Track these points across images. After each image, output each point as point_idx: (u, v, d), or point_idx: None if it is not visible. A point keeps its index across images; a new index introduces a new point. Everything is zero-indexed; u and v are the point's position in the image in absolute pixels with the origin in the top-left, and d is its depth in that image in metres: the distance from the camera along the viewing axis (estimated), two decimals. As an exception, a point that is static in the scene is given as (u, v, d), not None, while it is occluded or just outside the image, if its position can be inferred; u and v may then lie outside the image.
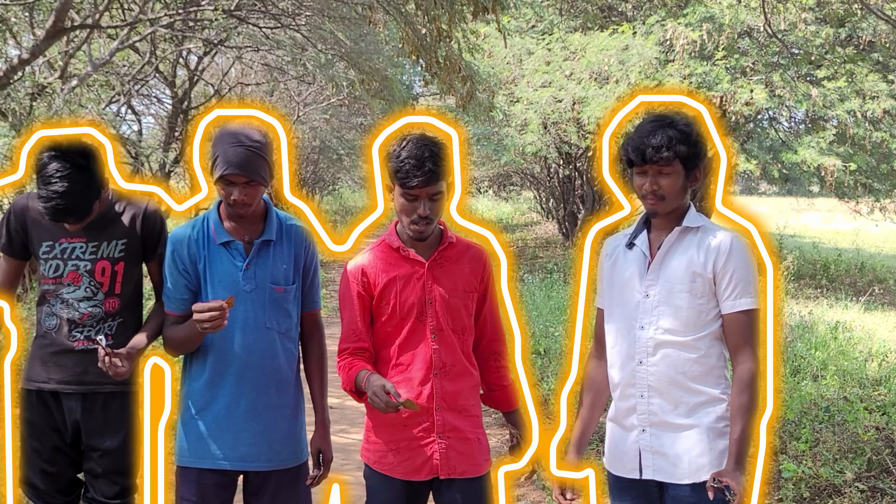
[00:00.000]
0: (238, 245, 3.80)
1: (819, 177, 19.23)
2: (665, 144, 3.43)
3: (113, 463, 4.04)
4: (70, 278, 3.94)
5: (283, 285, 3.82)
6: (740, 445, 3.39)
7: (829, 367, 9.75)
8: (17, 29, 10.49)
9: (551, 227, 32.25)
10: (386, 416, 3.66)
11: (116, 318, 4.04)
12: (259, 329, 3.79)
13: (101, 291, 3.98)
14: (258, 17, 11.67)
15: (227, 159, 3.60)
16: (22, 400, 4.07)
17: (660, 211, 3.54)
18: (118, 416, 4.03)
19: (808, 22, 17.70)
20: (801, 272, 19.95)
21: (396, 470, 3.73)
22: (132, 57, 14.30)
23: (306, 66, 15.73)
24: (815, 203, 32.68)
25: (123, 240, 4.00)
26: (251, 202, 3.71)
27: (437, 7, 9.59)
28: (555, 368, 9.79)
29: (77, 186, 3.72)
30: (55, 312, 3.98)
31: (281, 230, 3.88)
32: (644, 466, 3.58)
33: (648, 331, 3.54)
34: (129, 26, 9.94)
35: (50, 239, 3.94)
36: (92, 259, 3.95)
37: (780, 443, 7.21)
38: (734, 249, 3.46)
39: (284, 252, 3.85)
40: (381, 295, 3.71)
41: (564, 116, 18.87)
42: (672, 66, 17.78)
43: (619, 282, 3.68)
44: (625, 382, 3.63)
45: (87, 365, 3.94)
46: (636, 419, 3.56)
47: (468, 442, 3.79)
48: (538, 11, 21.43)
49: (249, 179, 3.65)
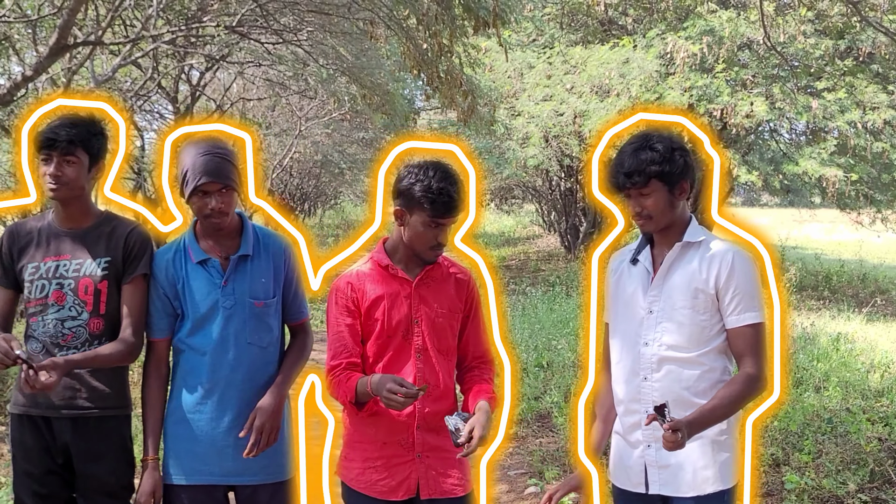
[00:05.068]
0: (215, 262, 3.82)
1: (820, 188, 19.26)
2: (635, 169, 3.46)
3: (105, 486, 3.98)
4: (54, 297, 3.88)
5: (262, 299, 3.84)
6: (703, 411, 3.39)
7: (831, 379, 9.74)
8: (21, 46, 10.55)
9: (553, 240, 32.24)
10: (364, 432, 3.70)
11: (102, 340, 3.94)
12: (240, 345, 3.81)
13: (85, 311, 3.90)
14: (260, 33, 11.70)
15: (199, 170, 3.63)
16: (11, 423, 4.02)
17: (651, 230, 3.58)
18: (110, 440, 3.98)
19: (807, 34, 17.75)
20: (804, 283, 19.92)
21: (374, 489, 3.71)
22: (134, 73, 14.36)
23: (308, 81, 15.79)
24: (817, 214, 32.62)
25: (107, 258, 3.93)
26: (227, 210, 3.73)
27: (438, 22, 9.62)
28: (557, 381, 9.80)
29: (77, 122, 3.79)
30: (38, 336, 3.91)
31: (258, 244, 3.89)
32: (650, 482, 3.60)
33: (652, 347, 3.56)
34: (131, 43, 9.97)
35: (36, 260, 3.90)
36: (75, 277, 3.89)
37: (783, 454, 7.22)
38: (736, 264, 3.48)
39: (263, 265, 3.86)
40: (369, 312, 3.69)
41: (566, 130, 18.92)
42: (672, 79, 17.83)
43: (623, 297, 3.70)
44: (629, 398, 3.64)
45: (75, 389, 3.90)
46: (641, 435, 3.57)
47: (449, 462, 3.75)
48: (539, 25, 21.49)
49: (224, 186, 3.68)
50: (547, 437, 8.29)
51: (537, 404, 9.14)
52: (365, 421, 3.68)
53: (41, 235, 3.93)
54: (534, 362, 10.86)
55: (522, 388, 9.72)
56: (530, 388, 9.70)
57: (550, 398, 9.19)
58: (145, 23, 9.60)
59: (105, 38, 9.31)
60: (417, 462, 3.70)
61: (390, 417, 3.66)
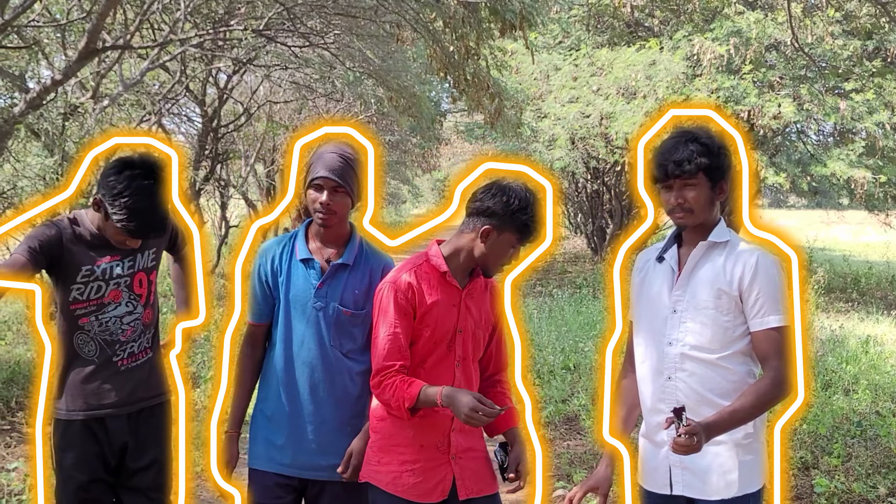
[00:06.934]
0: (316, 264, 3.92)
1: (849, 189, 19.15)
2: (687, 158, 3.46)
3: (152, 478, 4.08)
4: (111, 296, 3.97)
5: (351, 309, 3.91)
6: (723, 414, 3.38)
7: (860, 382, 9.70)
8: (50, 50, 10.61)
9: (580, 242, 32.22)
10: (401, 435, 3.72)
11: (151, 330, 4.12)
12: (322, 346, 3.90)
13: (140, 304, 4.04)
14: (287, 36, 11.75)
15: (320, 165, 3.80)
16: (56, 429, 4.03)
17: (688, 224, 3.56)
18: (160, 428, 4.12)
19: (835, 35, 17.66)
20: (832, 286, 19.83)
21: (411, 492, 3.72)
22: (162, 76, 14.44)
23: (335, 84, 15.85)
24: (845, 216, 32.41)
25: (153, 248, 4.10)
26: (336, 209, 3.83)
27: (464, 25, 9.63)
28: (585, 384, 9.79)
29: (156, 202, 3.79)
30: (93, 338, 3.97)
31: (361, 256, 3.99)
32: (674, 482, 3.59)
33: (676, 346, 3.56)
34: (159, 46, 10.04)
35: (88, 262, 3.93)
36: (130, 273, 4.00)
37: (812, 458, 7.19)
38: (760, 266, 3.47)
39: (358, 278, 3.95)
40: (424, 317, 3.71)
41: (592, 132, 18.91)
42: (699, 80, 17.78)
43: (648, 296, 3.70)
44: (655, 398, 3.64)
45: (133, 383, 4.03)
46: (666, 435, 3.56)
47: (480, 460, 3.83)
48: (565, 28, 21.46)
49: (337, 185, 3.78)
50: (574, 439, 8.28)
51: (564, 407, 9.13)
52: (405, 424, 3.69)
53: (88, 238, 3.97)
54: (561, 365, 10.85)
55: (549, 390, 9.72)
56: (557, 390, 9.69)
57: (578, 401, 9.19)
58: (173, 26, 9.66)
59: (133, 41, 9.37)
60: (452, 463, 3.74)
61: (429, 421, 3.70)
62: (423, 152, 31.11)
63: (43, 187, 9.10)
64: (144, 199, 3.75)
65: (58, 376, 4.02)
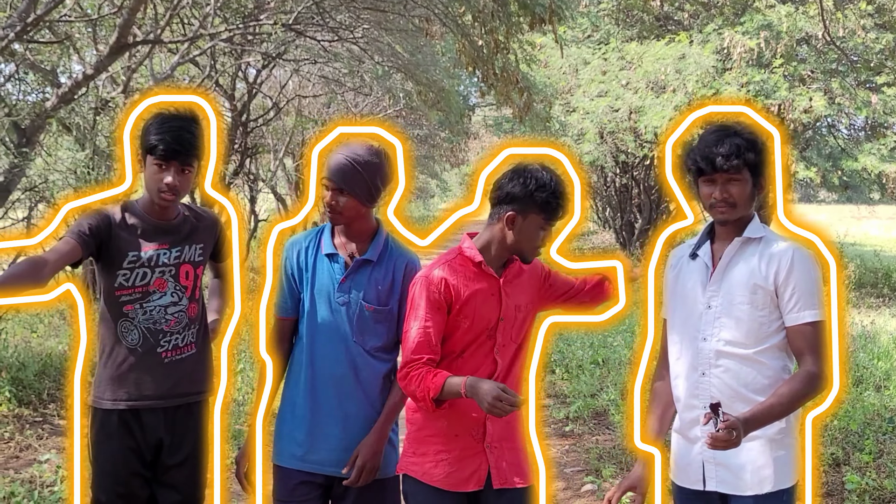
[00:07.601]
0: (340, 259, 3.93)
1: (880, 184, 19.04)
2: (734, 152, 3.43)
3: (187, 474, 4.07)
4: (156, 285, 3.97)
5: (374, 305, 3.91)
6: (761, 408, 3.35)
7: (892, 378, 9.63)
8: (81, 45, 10.68)
9: (608, 236, 32.16)
10: (436, 426, 3.72)
11: (196, 325, 4.11)
12: (345, 341, 3.90)
13: (185, 297, 4.04)
14: (316, 31, 11.79)
15: (329, 166, 3.81)
16: (94, 420, 4.04)
17: (730, 218, 3.53)
18: (196, 425, 4.09)
19: (867, 28, 17.53)
20: (863, 281, 19.70)
21: (447, 481, 3.72)
22: (192, 71, 14.49)
23: (363, 78, 15.87)
24: (876, 210, 32.25)
25: (201, 244, 4.12)
26: (340, 210, 3.83)
27: (494, 19, 9.63)
28: (613, 378, 9.78)
29: (188, 124, 3.88)
30: (137, 326, 3.97)
31: (385, 252, 3.99)
32: (707, 478, 3.57)
33: (710, 342, 3.54)
34: (189, 41, 10.07)
35: (135, 249, 3.95)
36: (176, 263, 4.01)
37: (844, 454, 7.15)
38: (796, 261, 3.45)
39: (382, 274, 3.95)
40: (462, 309, 3.70)
41: (621, 126, 18.86)
42: (729, 74, 17.68)
43: (682, 293, 3.68)
44: (688, 394, 3.62)
45: (176, 377, 4.02)
46: (700, 431, 3.54)
47: (517, 451, 3.80)
48: (594, 21, 21.41)
49: (338, 187, 3.79)
50: (603, 434, 8.27)
51: (593, 402, 9.12)
52: (438, 415, 3.68)
53: (136, 225, 3.99)
54: (590, 359, 10.83)
55: (578, 385, 9.71)
56: (586, 385, 9.68)
57: (607, 395, 9.17)
58: (203, 21, 9.70)
59: (164, 36, 9.42)
60: (487, 452, 3.74)
61: (463, 410, 3.68)
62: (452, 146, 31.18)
63: (74, 181, 9.15)
64: (176, 120, 3.86)
65: (100, 365, 4.03)
